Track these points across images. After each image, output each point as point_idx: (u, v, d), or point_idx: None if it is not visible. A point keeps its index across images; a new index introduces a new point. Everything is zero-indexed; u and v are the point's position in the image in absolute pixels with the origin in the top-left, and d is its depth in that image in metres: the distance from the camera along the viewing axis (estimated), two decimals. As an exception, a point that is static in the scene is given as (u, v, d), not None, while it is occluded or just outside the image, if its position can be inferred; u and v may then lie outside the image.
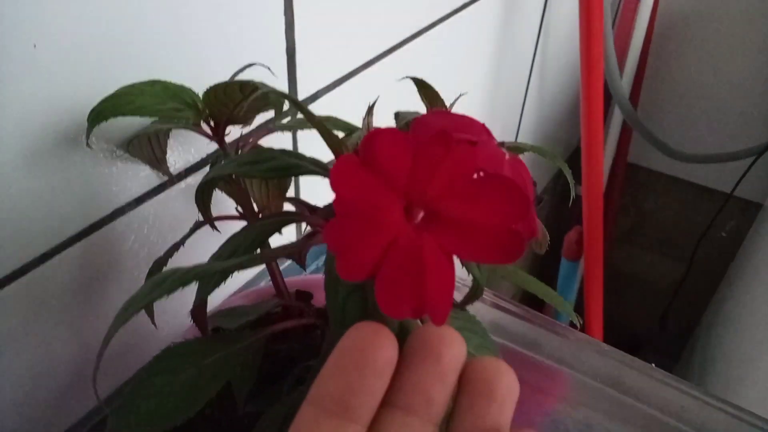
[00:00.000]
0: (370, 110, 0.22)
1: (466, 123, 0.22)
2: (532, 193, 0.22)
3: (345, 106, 0.51)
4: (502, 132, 0.93)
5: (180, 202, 0.39)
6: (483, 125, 0.22)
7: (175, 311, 0.41)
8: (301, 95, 0.46)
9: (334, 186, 0.18)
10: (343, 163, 0.18)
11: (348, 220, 0.18)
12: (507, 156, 0.22)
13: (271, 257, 0.24)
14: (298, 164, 0.21)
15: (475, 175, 0.19)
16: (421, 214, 0.19)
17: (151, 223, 0.37)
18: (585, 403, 0.45)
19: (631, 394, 0.46)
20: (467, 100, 0.77)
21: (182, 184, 0.39)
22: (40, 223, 0.32)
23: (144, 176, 0.36)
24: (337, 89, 0.49)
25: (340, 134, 0.31)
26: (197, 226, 0.32)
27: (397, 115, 0.24)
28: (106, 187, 0.35)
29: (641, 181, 1.42)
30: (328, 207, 0.27)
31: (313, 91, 0.47)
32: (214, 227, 0.30)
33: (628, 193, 1.44)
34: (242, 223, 0.30)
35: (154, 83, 0.28)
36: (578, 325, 0.31)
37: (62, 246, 0.33)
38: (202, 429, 0.29)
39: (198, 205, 0.28)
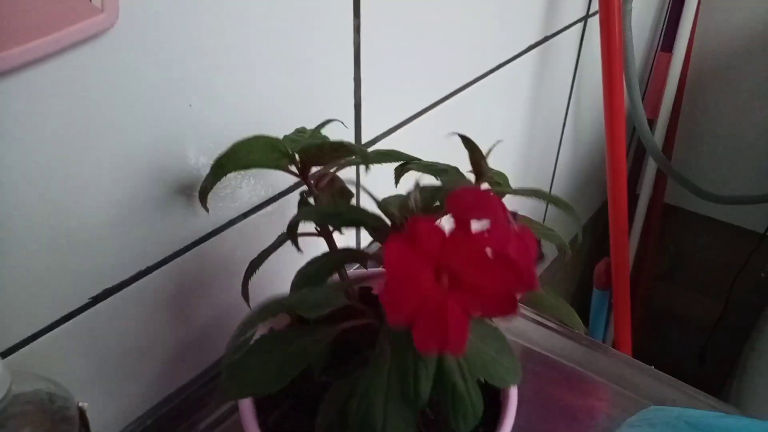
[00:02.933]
0: (417, 186, 0.30)
1: (488, 201, 0.28)
2: (534, 259, 0.30)
3: (400, 148, 0.60)
4: (538, 172, 1.01)
5: (267, 220, 0.49)
6: (501, 201, 0.29)
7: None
8: (365, 139, 0.55)
9: (387, 260, 0.25)
10: (392, 243, 0.25)
11: (395, 282, 0.26)
12: (516, 228, 0.28)
13: (348, 284, 0.33)
14: (364, 221, 0.30)
15: (488, 253, 0.26)
16: (446, 279, 0.26)
17: (246, 235, 0.48)
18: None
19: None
20: (505, 147, 0.86)
21: (269, 207, 0.49)
22: (173, 228, 0.43)
23: (241, 202, 0.47)
24: (393, 134, 0.59)
25: (396, 164, 0.39)
26: (281, 239, 0.41)
27: (417, 185, 0.31)
28: (216, 208, 0.45)
29: (680, 222, 1.46)
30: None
31: (374, 135, 0.57)
32: (297, 248, 0.39)
33: (668, 233, 1.47)
34: (318, 239, 0.39)
35: (257, 138, 0.37)
36: (583, 332, 0.39)
37: (191, 245, 0.44)
38: (289, 393, 0.38)
39: (288, 234, 0.37)
